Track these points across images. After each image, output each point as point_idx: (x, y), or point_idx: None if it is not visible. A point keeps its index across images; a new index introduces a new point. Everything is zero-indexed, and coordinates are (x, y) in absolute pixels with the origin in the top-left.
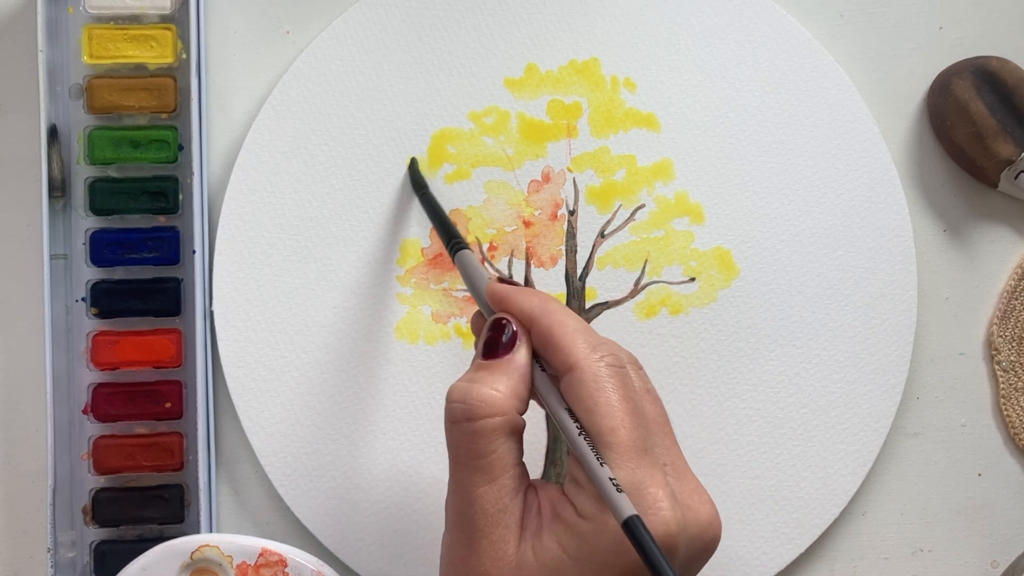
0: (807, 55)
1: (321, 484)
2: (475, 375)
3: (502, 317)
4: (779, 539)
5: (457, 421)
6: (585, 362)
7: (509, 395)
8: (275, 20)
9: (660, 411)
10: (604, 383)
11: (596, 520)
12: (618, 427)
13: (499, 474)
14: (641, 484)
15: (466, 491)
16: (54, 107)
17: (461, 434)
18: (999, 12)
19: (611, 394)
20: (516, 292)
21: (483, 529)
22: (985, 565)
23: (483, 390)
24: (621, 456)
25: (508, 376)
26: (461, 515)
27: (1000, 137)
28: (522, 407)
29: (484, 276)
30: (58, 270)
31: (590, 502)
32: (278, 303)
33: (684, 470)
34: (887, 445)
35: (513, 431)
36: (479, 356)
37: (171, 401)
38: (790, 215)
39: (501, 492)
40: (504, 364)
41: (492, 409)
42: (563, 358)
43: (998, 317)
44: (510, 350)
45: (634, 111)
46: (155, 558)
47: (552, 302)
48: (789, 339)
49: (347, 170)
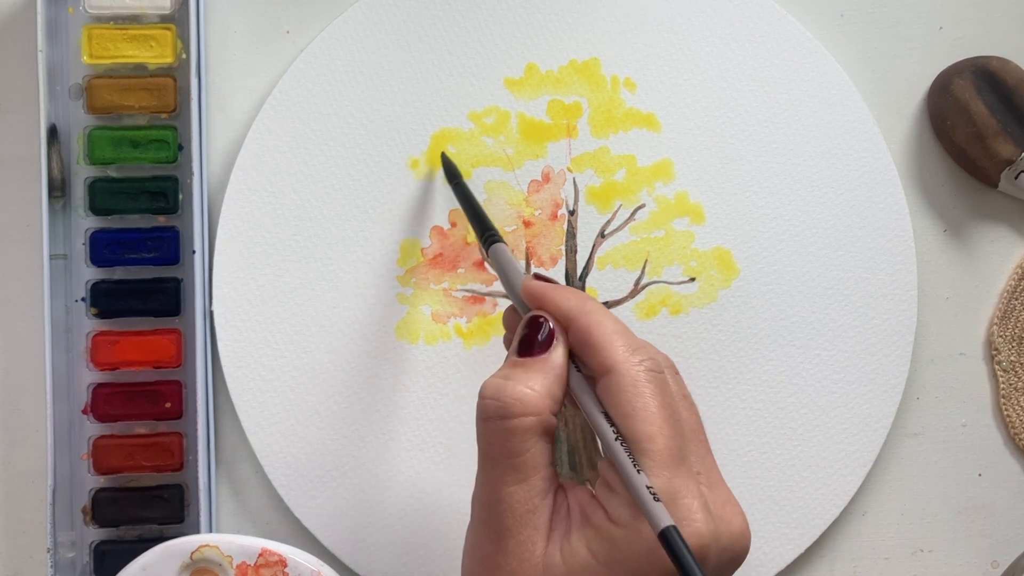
0: (807, 55)
1: (321, 484)
2: (510, 372)
3: (539, 315)
4: (779, 539)
5: (490, 418)
6: (624, 365)
7: (544, 394)
8: (275, 20)
9: (696, 418)
10: (643, 388)
11: (629, 527)
12: (656, 434)
13: (530, 474)
14: (677, 493)
15: (496, 489)
16: (54, 107)
17: (494, 431)
18: (999, 12)
19: (649, 400)
20: (553, 290)
21: (511, 528)
22: (985, 565)
23: (518, 388)
24: (658, 464)
25: (544, 375)
26: (489, 512)
27: (1000, 137)
28: (556, 407)
29: (519, 271)
30: (58, 270)
31: (624, 508)
32: (278, 303)
33: (717, 480)
34: (887, 445)
35: (546, 431)
36: (514, 353)
37: (171, 401)
38: (790, 215)
39: (531, 492)
40: (540, 363)
41: (527, 408)
42: (601, 360)
43: (998, 317)
44: (546, 349)
45: (634, 111)
46: (155, 558)
47: (590, 301)
48: (789, 339)
49: (347, 170)
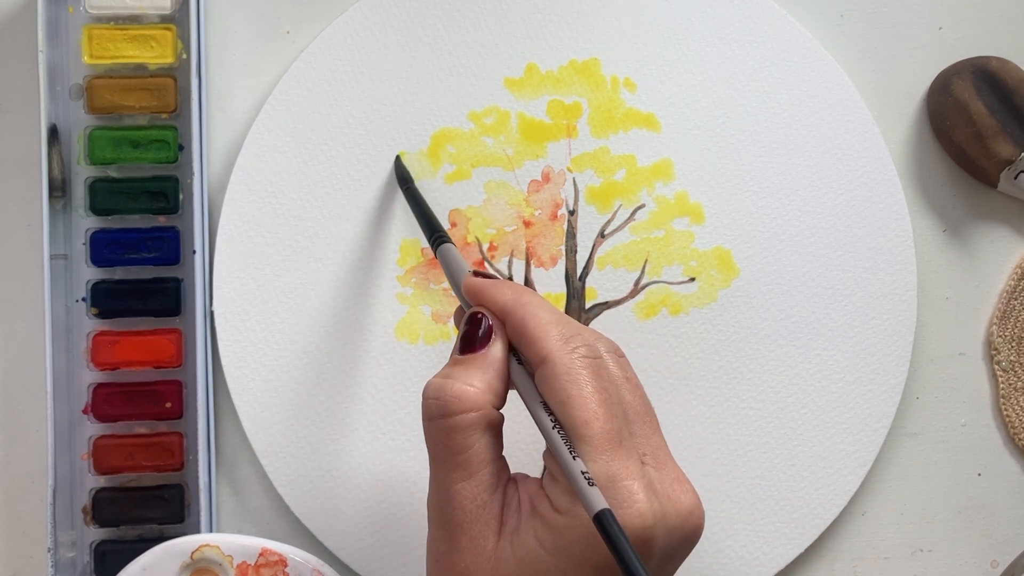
0: (807, 55)
1: (321, 484)
2: (451, 371)
3: (478, 311)
4: (779, 539)
5: (433, 418)
6: (557, 354)
7: (484, 390)
8: (275, 20)
9: (640, 399)
10: (577, 375)
11: (570, 514)
12: (591, 419)
13: (476, 470)
14: (616, 476)
15: (445, 488)
16: (54, 107)
17: (437, 430)
18: (999, 12)
19: (584, 386)
20: (491, 285)
21: (463, 525)
22: (985, 565)
23: (457, 386)
24: (595, 448)
25: (483, 371)
26: (441, 512)
27: (1000, 137)
28: (498, 402)
29: (464, 270)
30: (58, 270)
31: (564, 496)
32: (278, 303)
33: (665, 459)
34: (887, 445)
35: (489, 426)
36: (456, 351)
37: (171, 401)
38: (790, 215)
39: (479, 488)
40: (479, 359)
41: (466, 405)
42: (536, 350)
43: (998, 317)
44: (485, 344)
45: (634, 111)
46: (155, 558)
47: (527, 294)
48: (789, 339)
49: (347, 170)
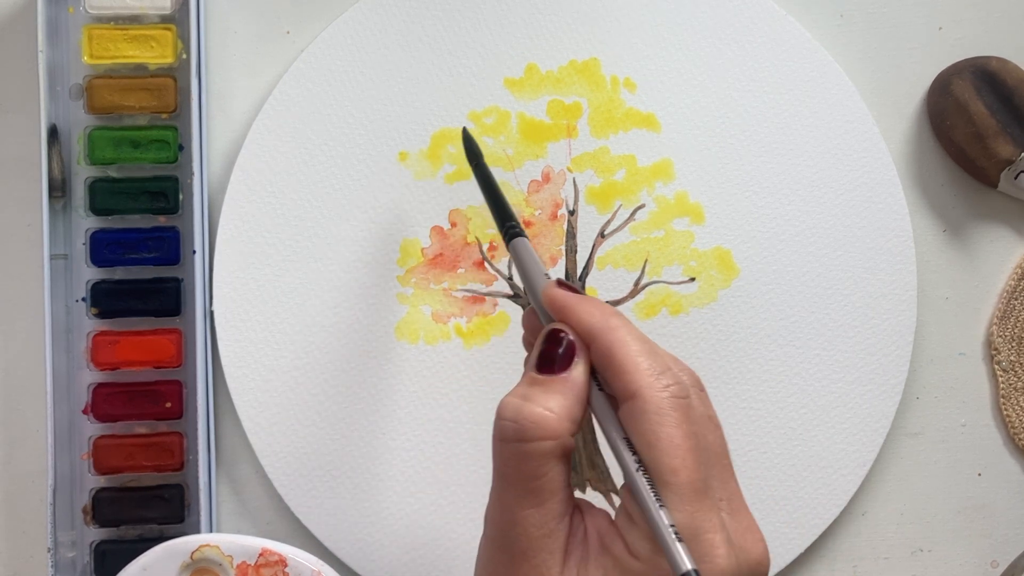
0: (807, 55)
1: (321, 484)
2: (528, 391)
3: (560, 328)
4: (779, 539)
5: (508, 440)
6: (648, 391)
7: (564, 417)
8: (275, 20)
9: (720, 441)
10: (667, 417)
11: (649, 563)
12: (680, 467)
13: (547, 498)
14: (699, 529)
15: (511, 511)
16: (54, 107)
17: (511, 454)
18: (999, 12)
19: (674, 429)
20: (577, 302)
21: (526, 552)
22: (985, 565)
23: (536, 410)
24: (681, 499)
25: (563, 396)
26: (503, 534)
27: (1000, 137)
28: (575, 429)
29: (541, 273)
30: (58, 270)
31: (644, 542)
32: (278, 303)
33: (740, 506)
34: (887, 445)
35: (564, 454)
36: (532, 368)
37: (171, 401)
38: (790, 215)
39: (548, 516)
40: (560, 382)
41: (545, 432)
42: (624, 383)
43: (998, 317)
44: (566, 366)
45: (634, 111)
46: (155, 558)
47: (615, 316)
48: (789, 339)
49: (347, 170)
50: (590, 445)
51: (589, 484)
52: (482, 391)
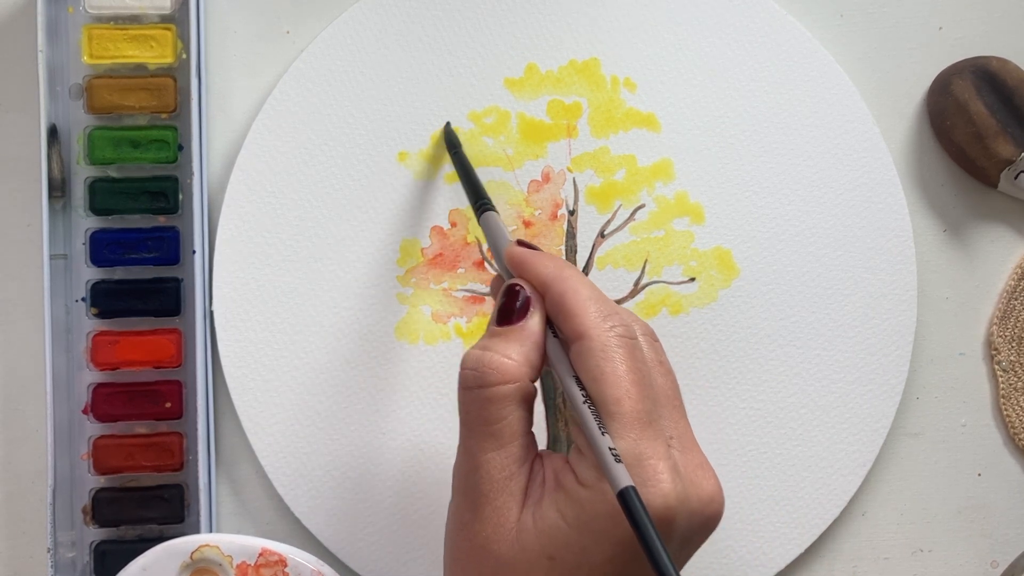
0: (807, 55)
1: (321, 484)
2: (489, 342)
3: (516, 283)
4: (779, 539)
5: (469, 387)
6: (595, 331)
7: (522, 362)
8: (275, 20)
9: (671, 384)
10: (612, 353)
11: (595, 488)
12: (623, 397)
13: (508, 441)
14: (642, 455)
15: (474, 456)
16: (54, 107)
17: (473, 400)
18: (999, 12)
19: (619, 364)
20: (533, 256)
21: (488, 495)
22: (985, 565)
23: (495, 357)
24: (624, 427)
25: (521, 343)
26: (467, 480)
27: (1000, 137)
28: (534, 375)
29: (506, 239)
30: (58, 270)
31: (590, 470)
32: (278, 303)
33: (691, 444)
34: (887, 445)
35: (524, 399)
36: (493, 322)
37: (171, 401)
38: (790, 215)
39: (508, 459)
40: (517, 331)
41: (504, 376)
42: (573, 326)
43: (998, 317)
44: (523, 316)
45: (634, 111)
46: (155, 558)
47: (568, 268)
48: (789, 339)
49: (347, 170)
50: None
51: None
52: None
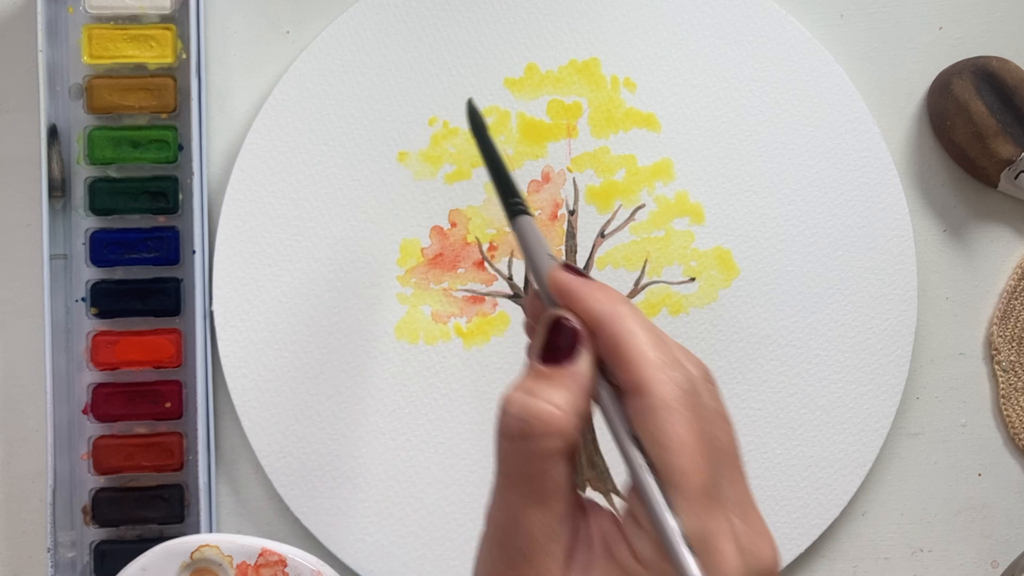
0: (807, 55)
1: (321, 484)
2: (534, 385)
3: (563, 316)
4: (779, 539)
5: (512, 438)
6: (656, 385)
7: (570, 412)
8: (275, 20)
9: (730, 438)
10: (676, 412)
11: (655, 569)
12: (688, 468)
13: (552, 498)
14: (708, 535)
15: (513, 511)
16: (54, 107)
17: (516, 453)
18: (999, 12)
19: (683, 427)
20: (583, 288)
21: (527, 554)
22: (985, 565)
23: (543, 407)
24: (690, 502)
25: (569, 390)
26: (505, 534)
27: (1000, 137)
28: (583, 426)
29: (546, 255)
30: (58, 270)
31: (650, 548)
32: (278, 303)
33: (749, 507)
34: (887, 445)
35: (570, 453)
36: (537, 358)
37: (171, 401)
38: (790, 215)
39: (551, 518)
40: (565, 375)
41: (551, 428)
42: (631, 376)
43: (998, 317)
44: (570, 355)
45: (634, 111)
46: (155, 558)
47: (621, 303)
48: (789, 339)
49: (347, 170)
50: (590, 445)
51: (589, 484)
52: (482, 391)
